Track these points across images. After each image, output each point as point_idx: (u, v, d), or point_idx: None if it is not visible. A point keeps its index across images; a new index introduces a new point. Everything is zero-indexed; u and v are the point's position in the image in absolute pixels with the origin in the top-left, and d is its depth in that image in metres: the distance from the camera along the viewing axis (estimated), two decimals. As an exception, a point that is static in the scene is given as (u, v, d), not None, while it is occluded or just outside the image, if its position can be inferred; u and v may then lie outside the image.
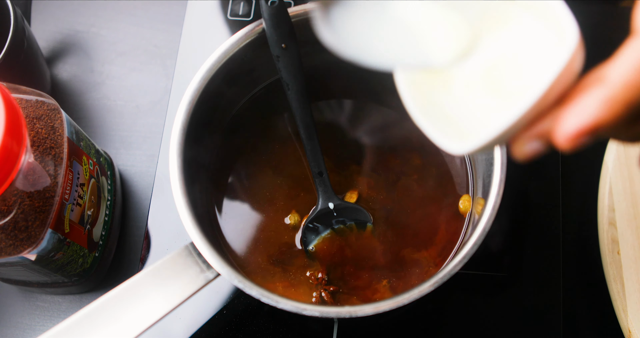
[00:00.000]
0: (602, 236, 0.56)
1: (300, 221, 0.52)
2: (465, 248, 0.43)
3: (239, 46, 0.49)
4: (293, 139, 0.55)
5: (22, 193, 0.44)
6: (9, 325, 0.58)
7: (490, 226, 0.44)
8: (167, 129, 0.62)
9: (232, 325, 0.55)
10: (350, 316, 0.42)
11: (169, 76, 0.67)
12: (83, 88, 0.67)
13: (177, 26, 0.68)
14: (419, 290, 0.42)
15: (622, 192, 0.56)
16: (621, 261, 0.54)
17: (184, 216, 0.45)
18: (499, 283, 0.56)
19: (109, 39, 0.69)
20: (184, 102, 0.48)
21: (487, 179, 0.47)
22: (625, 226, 0.55)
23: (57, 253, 0.48)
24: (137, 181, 0.63)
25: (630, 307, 0.53)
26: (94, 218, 0.54)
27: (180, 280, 0.43)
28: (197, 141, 0.49)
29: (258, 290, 0.43)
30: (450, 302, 0.56)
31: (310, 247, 0.52)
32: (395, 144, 0.55)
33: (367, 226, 0.52)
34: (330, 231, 0.52)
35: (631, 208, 0.56)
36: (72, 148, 0.49)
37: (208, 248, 0.44)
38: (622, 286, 0.54)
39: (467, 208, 0.52)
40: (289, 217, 0.52)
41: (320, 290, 0.50)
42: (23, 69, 0.59)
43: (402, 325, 0.55)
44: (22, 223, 0.44)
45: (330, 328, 0.53)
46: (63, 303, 0.59)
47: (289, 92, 0.49)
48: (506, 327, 0.55)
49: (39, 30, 0.68)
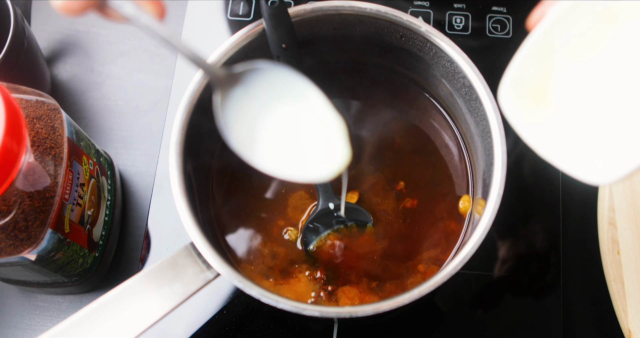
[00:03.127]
0: (602, 236, 0.56)
1: (298, 233, 0.52)
2: (465, 248, 0.43)
3: (239, 46, 0.49)
4: (293, 139, 0.55)
5: (22, 193, 0.44)
6: (9, 325, 0.58)
7: (490, 226, 0.44)
8: (167, 129, 0.62)
9: (232, 325, 0.55)
10: (350, 316, 0.42)
11: (169, 76, 0.67)
12: (83, 88, 0.67)
13: (177, 26, 0.68)
14: (419, 290, 0.42)
15: (622, 192, 0.57)
16: (621, 261, 0.54)
17: (184, 216, 0.45)
18: (499, 283, 0.56)
19: (109, 39, 0.69)
20: (184, 102, 0.48)
21: (487, 180, 0.47)
22: (625, 226, 0.55)
23: (57, 253, 0.48)
24: (137, 181, 0.63)
25: (630, 306, 0.53)
26: (94, 218, 0.54)
27: (180, 280, 0.43)
28: (197, 142, 0.49)
29: (258, 290, 0.43)
30: (451, 302, 0.56)
31: (310, 247, 0.52)
32: (396, 144, 0.55)
33: (367, 226, 0.52)
34: (330, 232, 0.52)
35: (631, 208, 0.56)
36: (72, 148, 0.49)
37: (208, 248, 0.44)
38: (622, 286, 0.54)
39: (467, 208, 0.52)
40: (287, 233, 0.52)
41: (320, 289, 0.50)
42: (23, 69, 0.59)
43: (402, 325, 0.55)
44: (22, 223, 0.44)
45: (330, 328, 0.53)
46: (63, 303, 0.59)
47: (289, 93, 0.49)
48: (506, 327, 0.55)
49: (39, 30, 0.68)
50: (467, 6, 0.66)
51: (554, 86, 0.36)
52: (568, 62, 0.35)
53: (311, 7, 0.49)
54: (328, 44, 0.53)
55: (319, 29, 0.51)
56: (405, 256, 0.51)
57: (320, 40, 0.52)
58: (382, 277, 0.51)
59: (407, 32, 0.49)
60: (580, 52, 0.35)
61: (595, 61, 0.35)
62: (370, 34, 0.51)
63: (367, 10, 0.49)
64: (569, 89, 0.35)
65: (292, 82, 0.41)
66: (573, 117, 0.36)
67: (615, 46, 0.35)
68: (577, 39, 0.35)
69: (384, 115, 0.56)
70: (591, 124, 0.35)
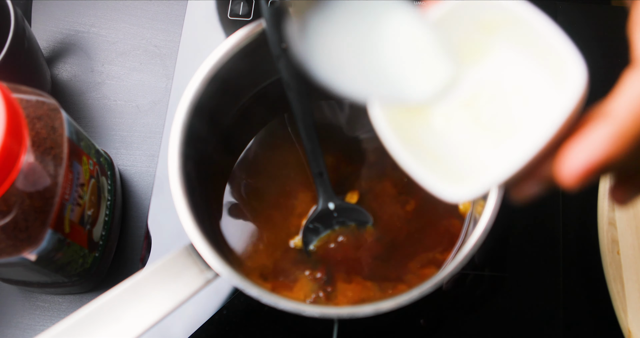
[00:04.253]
0: (602, 236, 0.56)
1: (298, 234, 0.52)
2: (465, 248, 0.43)
3: (239, 46, 0.49)
4: (293, 140, 0.55)
5: (22, 193, 0.44)
6: (9, 325, 0.58)
7: (490, 226, 0.44)
8: (167, 129, 0.62)
9: (232, 325, 0.55)
10: (351, 316, 0.42)
11: (169, 76, 0.67)
12: (83, 88, 0.67)
13: (177, 26, 0.68)
14: (419, 290, 0.42)
15: (622, 192, 0.56)
16: (621, 261, 0.54)
17: (183, 217, 0.45)
18: (499, 283, 0.56)
19: (109, 39, 0.69)
20: (184, 102, 0.48)
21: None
22: (625, 226, 0.55)
23: (57, 253, 0.48)
24: (137, 181, 0.63)
25: (630, 307, 0.53)
26: (94, 218, 0.54)
27: (180, 280, 0.43)
28: (197, 141, 0.49)
29: (258, 290, 0.43)
30: (451, 302, 0.56)
31: (310, 247, 0.52)
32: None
33: (367, 226, 0.52)
34: (331, 232, 0.52)
35: (631, 208, 0.56)
36: (72, 148, 0.49)
37: (208, 249, 0.44)
38: (622, 287, 0.54)
39: (467, 208, 0.52)
40: (287, 234, 0.52)
41: (319, 289, 0.50)
42: (23, 69, 0.59)
43: (402, 325, 0.55)
44: (23, 223, 0.44)
45: (330, 328, 0.53)
46: (63, 303, 0.59)
47: (290, 93, 0.49)
48: (506, 327, 0.55)
49: (39, 30, 0.68)
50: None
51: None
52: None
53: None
54: (328, 44, 0.53)
55: (319, 29, 0.51)
56: (405, 256, 0.51)
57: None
58: (383, 277, 0.51)
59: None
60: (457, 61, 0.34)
61: (472, 73, 0.34)
62: (370, 34, 0.51)
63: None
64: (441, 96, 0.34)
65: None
66: (432, 127, 0.34)
67: (491, 58, 0.34)
68: (455, 46, 0.34)
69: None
70: (455, 139, 0.34)
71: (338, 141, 0.55)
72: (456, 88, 0.34)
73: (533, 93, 0.33)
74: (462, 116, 0.34)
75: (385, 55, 0.35)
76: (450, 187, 0.32)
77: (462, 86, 0.34)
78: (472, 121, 0.34)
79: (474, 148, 0.34)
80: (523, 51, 0.33)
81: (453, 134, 0.34)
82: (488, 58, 0.34)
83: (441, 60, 0.34)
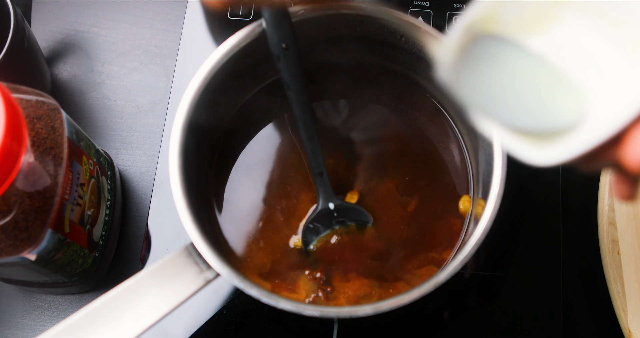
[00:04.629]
0: (602, 236, 0.56)
1: (298, 234, 0.52)
2: (465, 248, 0.43)
3: (239, 46, 0.49)
4: (293, 140, 0.55)
5: (22, 193, 0.44)
6: (9, 325, 0.58)
7: (490, 226, 0.44)
8: (167, 129, 0.62)
9: (232, 325, 0.55)
10: (351, 316, 0.42)
11: (169, 76, 0.67)
12: (83, 88, 0.67)
13: (177, 26, 0.68)
14: (419, 290, 0.42)
15: (622, 192, 0.56)
16: (621, 261, 0.54)
17: (183, 217, 0.45)
18: (499, 283, 0.56)
19: (109, 39, 0.69)
20: (184, 102, 0.48)
21: (487, 179, 0.47)
22: (625, 226, 0.55)
23: (57, 253, 0.48)
24: (137, 181, 0.63)
25: (630, 307, 0.53)
26: (94, 218, 0.54)
27: (180, 280, 0.43)
28: (197, 141, 0.49)
29: (258, 290, 0.43)
30: (450, 302, 0.56)
31: (310, 247, 0.52)
32: (396, 144, 0.55)
33: (367, 226, 0.52)
34: (330, 232, 0.52)
35: (631, 208, 0.56)
36: (72, 148, 0.49)
37: (208, 249, 0.44)
38: (622, 287, 0.54)
39: (467, 208, 0.52)
40: (287, 234, 0.52)
41: (319, 289, 0.50)
42: (23, 69, 0.59)
43: (402, 325, 0.55)
44: (23, 223, 0.44)
45: (330, 328, 0.53)
46: (63, 303, 0.59)
47: (289, 93, 0.49)
48: (506, 327, 0.55)
49: (39, 30, 0.68)
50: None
51: (498, 60, 0.35)
52: (516, 37, 0.35)
53: (311, 7, 0.49)
54: (328, 44, 0.53)
55: (320, 29, 0.51)
56: (405, 256, 0.51)
57: (321, 41, 0.52)
58: (383, 277, 0.51)
59: (407, 33, 0.49)
60: (528, 29, 0.35)
61: (542, 41, 0.35)
62: (370, 34, 0.51)
63: (367, 11, 0.49)
64: (513, 66, 0.35)
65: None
66: (514, 93, 0.35)
67: (563, 28, 0.34)
68: (525, 15, 0.34)
69: (384, 115, 0.56)
70: (530, 103, 0.35)
71: (338, 141, 0.55)
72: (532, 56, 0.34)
73: (608, 67, 0.33)
74: (547, 76, 0.34)
75: (526, 86, 0.35)
76: (538, 151, 0.33)
77: (537, 54, 0.34)
78: (557, 83, 0.34)
79: (561, 111, 0.34)
80: (597, 23, 0.33)
81: (534, 94, 0.34)
82: (559, 28, 0.34)
83: (573, 91, 0.35)
